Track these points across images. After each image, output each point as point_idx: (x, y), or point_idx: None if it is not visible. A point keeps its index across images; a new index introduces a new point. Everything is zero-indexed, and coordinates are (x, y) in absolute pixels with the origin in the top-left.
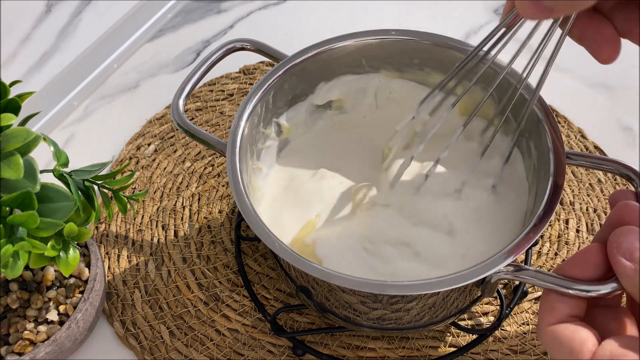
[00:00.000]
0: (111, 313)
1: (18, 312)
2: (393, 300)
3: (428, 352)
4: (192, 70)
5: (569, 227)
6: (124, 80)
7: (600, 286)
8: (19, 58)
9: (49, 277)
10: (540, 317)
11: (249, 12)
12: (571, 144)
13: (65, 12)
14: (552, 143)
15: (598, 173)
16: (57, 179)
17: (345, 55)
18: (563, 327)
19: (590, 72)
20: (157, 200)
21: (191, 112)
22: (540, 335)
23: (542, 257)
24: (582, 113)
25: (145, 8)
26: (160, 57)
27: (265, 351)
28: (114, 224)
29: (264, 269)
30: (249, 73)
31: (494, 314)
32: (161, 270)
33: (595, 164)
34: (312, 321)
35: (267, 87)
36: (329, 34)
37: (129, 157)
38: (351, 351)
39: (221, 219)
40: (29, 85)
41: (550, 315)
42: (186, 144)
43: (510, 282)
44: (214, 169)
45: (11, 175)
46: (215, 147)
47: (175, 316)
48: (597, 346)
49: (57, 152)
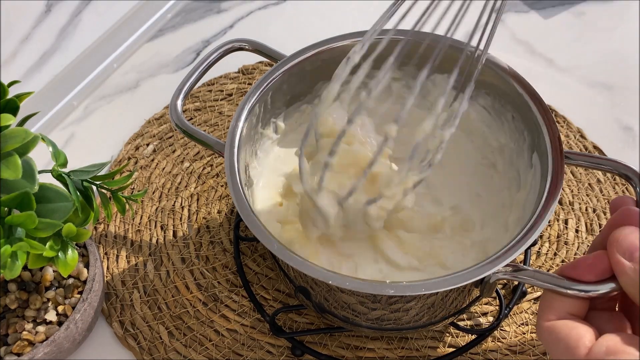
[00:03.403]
0: (110, 313)
1: (17, 312)
2: (392, 300)
3: (427, 352)
4: (191, 71)
5: (568, 227)
6: (123, 80)
7: (599, 286)
8: (18, 58)
9: (47, 277)
10: (539, 314)
11: (249, 12)
12: (570, 143)
13: (65, 12)
14: (551, 143)
15: (597, 173)
16: (55, 180)
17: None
18: (561, 323)
19: (590, 72)
20: (156, 200)
21: (190, 112)
22: (538, 331)
23: (542, 257)
24: (582, 113)
25: (145, 8)
26: (160, 57)
27: (264, 351)
28: (113, 224)
29: (263, 269)
30: (248, 73)
31: (493, 314)
32: (160, 271)
33: (595, 163)
34: (311, 321)
35: (266, 87)
36: (329, 34)
37: (128, 158)
38: (350, 351)
39: (220, 219)
40: (28, 85)
41: (548, 312)
42: (185, 144)
43: (509, 282)
44: (212, 169)
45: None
46: (214, 147)
47: (174, 316)
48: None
49: (56, 152)
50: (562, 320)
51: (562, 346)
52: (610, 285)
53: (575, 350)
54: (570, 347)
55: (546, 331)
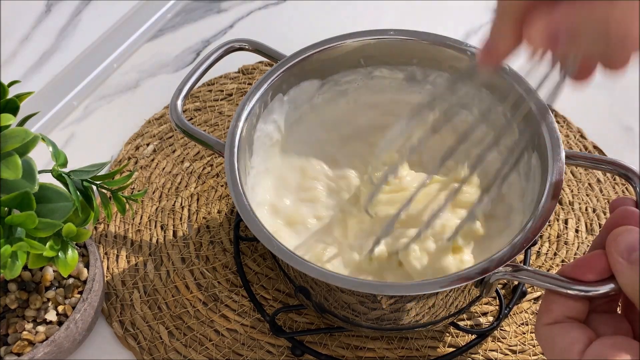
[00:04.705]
0: (110, 313)
1: (17, 312)
2: (392, 300)
3: (427, 352)
4: (191, 71)
5: (568, 227)
6: (123, 80)
7: (598, 286)
8: (18, 58)
9: (47, 277)
10: (538, 317)
11: (249, 12)
12: (570, 143)
13: (65, 12)
14: (551, 143)
15: (597, 173)
16: (55, 179)
17: (343, 55)
18: (557, 327)
19: None
20: (156, 200)
21: (190, 112)
22: (536, 334)
23: (542, 257)
24: (582, 113)
25: (145, 8)
26: (160, 57)
27: (264, 351)
28: (113, 224)
29: (263, 269)
30: (248, 73)
31: (493, 314)
32: (160, 271)
33: (595, 164)
34: (311, 321)
35: (266, 87)
36: (329, 34)
37: (128, 157)
38: (350, 351)
39: (220, 219)
40: (28, 85)
41: (546, 315)
42: (185, 144)
43: (509, 282)
44: (212, 169)
45: (9, 175)
46: (214, 147)
47: (174, 316)
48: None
49: (56, 152)
50: (560, 323)
51: (557, 350)
52: (610, 285)
53: (569, 354)
54: (565, 351)
55: (543, 334)
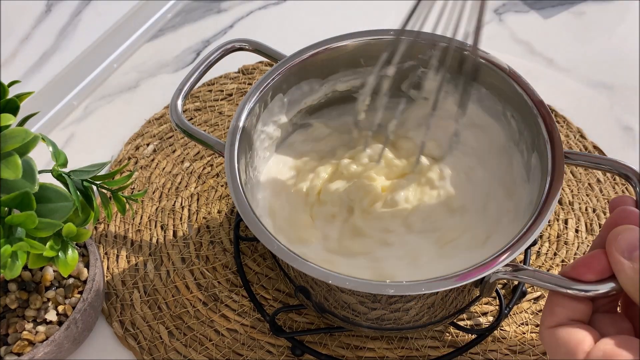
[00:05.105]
0: (110, 313)
1: (17, 312)
2: (392, 300)
3: (427, 352)
4: (191, 71)
5: (568, 227)
6: (123, 80)
7: (598, 286)
8: (19, 58)
9: (47, 277)
10: (542, 320)
11: (249, 12)
12: (570, 143)
13: (65, 12)
14: (551, 143)
15: (597, 173)
16: (55, 179)
17: (343, 55)
18: (562, 329)
19: (590, 72)
20: (156, 200)
21: (190, 112)
22: (541, 337)
23: (542, 257)
24: (582, 113)
25: (145, 8)
26: (160, 57)
27: (264, 351)
28: (113, 224)
29: (263, 269)
30: (248, 73)
31: (493, 313)
32: (160, 271)
33: (594, 163)
34: (311, 321)
35: (266, 87)
36: (329, 34)
37: (128, 157)
38: (350, 351)
39: (220, 219)
40: (28, 85)
41: (550, 318)
42: (185, 144)
43: (509, 282)
44: (212, 169)
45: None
46: (214, 147)
47: (174, 316)
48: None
49: (56, 152)
50: (563, 325)
51: (562, 351)
52: (610, 284)
53: (574, 356)
54: (570, 352)
55: (547, 337)
